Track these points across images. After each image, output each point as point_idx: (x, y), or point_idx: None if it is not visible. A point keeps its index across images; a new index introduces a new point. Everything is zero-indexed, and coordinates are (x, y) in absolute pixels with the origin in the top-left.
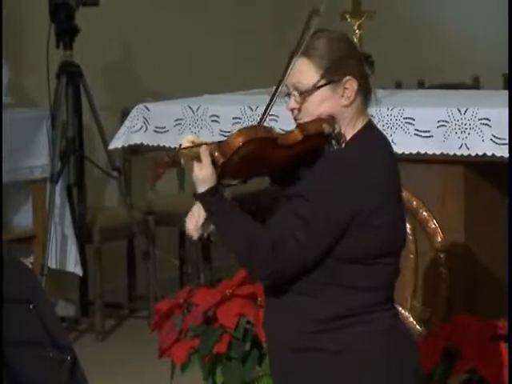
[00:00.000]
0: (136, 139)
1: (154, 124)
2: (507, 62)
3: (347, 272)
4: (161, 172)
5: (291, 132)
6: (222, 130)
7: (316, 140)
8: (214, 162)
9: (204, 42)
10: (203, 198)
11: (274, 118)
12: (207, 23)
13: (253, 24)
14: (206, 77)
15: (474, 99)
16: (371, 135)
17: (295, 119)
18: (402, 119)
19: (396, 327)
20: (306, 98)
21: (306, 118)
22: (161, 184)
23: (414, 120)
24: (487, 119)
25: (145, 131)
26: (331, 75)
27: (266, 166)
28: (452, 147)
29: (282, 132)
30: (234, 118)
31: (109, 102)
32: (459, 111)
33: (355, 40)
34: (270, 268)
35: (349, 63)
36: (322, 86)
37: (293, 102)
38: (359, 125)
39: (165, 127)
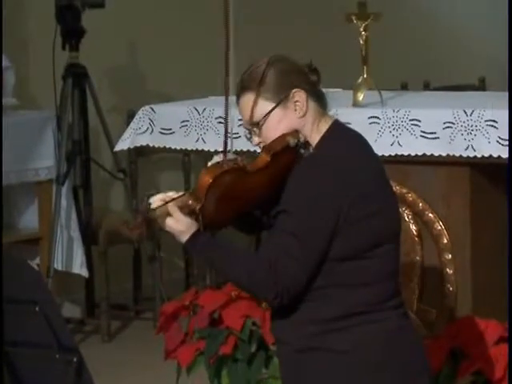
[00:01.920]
0: (142, 141)
1: (160, 126)
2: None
3: (343, 271)
4: (137, 232)
5: (258, 157)
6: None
7: (285, 155)
8: (192, 212)
9: (210, 44)
10: (187, 247)
11: None
12: (213, 25)
13: (258, 26)
14: (212, 79)
15: (480, 101)
16: (339, 133)
17: None
18: (407, 121)
19: (403, 328)
20: (263, 126)
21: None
22: (166, 185)
23: (419, 121)
24: (493, 121)
25: (151, 133)
26: (277, 96)
27: (247, 198)
28: (458, 149)
29: (250, 160)
30: (239, 120)
31: (115, 104)
32: (465, 113)
33: (361, 42)
34: (274, 291)
35: (290, 78)
36: (272, 110)
37: (255, 138)
38: (323, 127)
39: (171, 129)
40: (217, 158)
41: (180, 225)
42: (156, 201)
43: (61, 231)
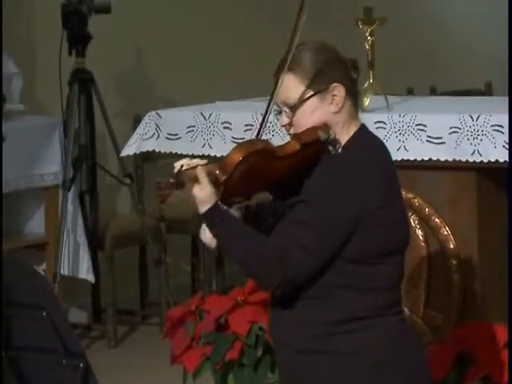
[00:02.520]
0: (148, 146)
1: (166, 131)
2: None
3: (352, 273)
4: (166, 193)
5: (288, 143)
6: (234, 137)
7: (313, 148)
8: (216, 181)
9: (217, 50)
10: (206, 217)
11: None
12: (221, 31)
13: (266, 31)
14: (219, 84)
15: (486, 105)
16: (366, 138)
17: (290, 135)
18: (414, 126)
19: (404, 332)
20: (297, 111)
21: (299, 130)
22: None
23: (426, 126)
24: (500, 126)
25: (157, 138)
26: (318, 85)
27: (268, 180)
28: (464, 154)
29: (280, 144)
30: (246, 125)
31: (121, 109)
32: (471, 118)
33: (367, 47)
34: (280, 278)
35: (333, 70)
36: (310, 97)
37: (284, 119)
38: (352, 129)
39: (177, 134)
40: None
41: (204, 193)
42: (184, 164)
43: (67, 236)
